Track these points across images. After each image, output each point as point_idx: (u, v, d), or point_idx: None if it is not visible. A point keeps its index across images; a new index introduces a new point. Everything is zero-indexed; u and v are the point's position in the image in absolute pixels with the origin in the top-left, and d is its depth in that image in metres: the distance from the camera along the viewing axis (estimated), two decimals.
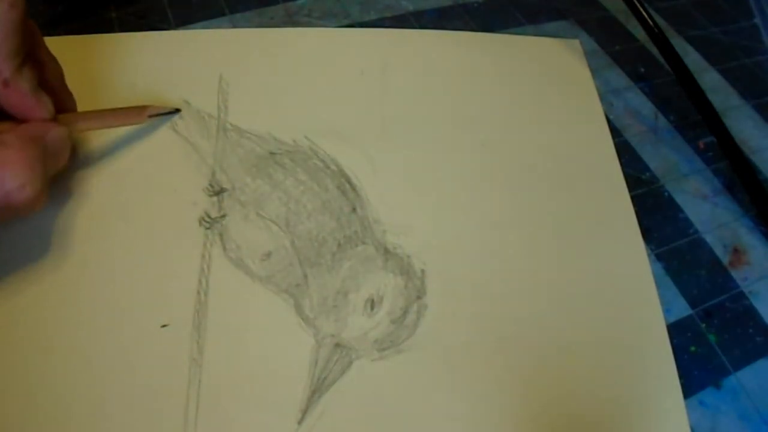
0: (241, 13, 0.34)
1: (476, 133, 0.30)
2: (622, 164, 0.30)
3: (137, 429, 0.20)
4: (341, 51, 0.32)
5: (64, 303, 0.23)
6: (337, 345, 0.23)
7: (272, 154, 0.27)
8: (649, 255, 0.27)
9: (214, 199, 0.26)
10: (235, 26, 0.33)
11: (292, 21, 0.34)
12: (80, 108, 0.26)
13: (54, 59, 0.25)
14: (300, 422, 0.21)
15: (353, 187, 0.27)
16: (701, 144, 0.32)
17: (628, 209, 0.28)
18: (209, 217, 0.25)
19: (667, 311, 0.25)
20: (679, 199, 0.30)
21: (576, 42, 0.35)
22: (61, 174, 0.25)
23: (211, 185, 0.26)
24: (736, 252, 0.28)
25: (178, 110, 0.28)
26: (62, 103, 0.24)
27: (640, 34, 0.36)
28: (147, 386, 0.21)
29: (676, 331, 0.25)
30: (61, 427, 0.20)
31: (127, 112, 0.27)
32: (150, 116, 0.27)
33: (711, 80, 0.35)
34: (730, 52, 0.37)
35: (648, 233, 0.28)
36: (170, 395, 0.21)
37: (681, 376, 0.23)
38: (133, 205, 0.25)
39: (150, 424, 0.21)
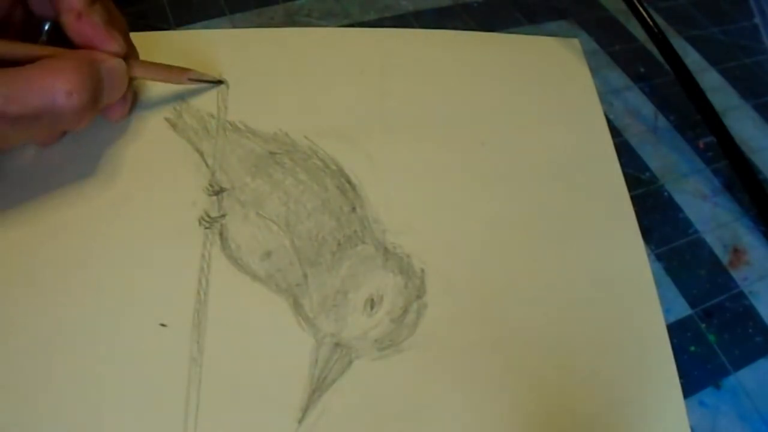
0: (241, 13, 0.34)
1: (476, 133, 0.30)
2: (622, 164, 0.30)
3: (137, 429, 0.20)
4: (341, 51, 0.32)
5: (64, 302, 0.23)
6: (337, 344, 0.23)
7: (272, 153, 0.27)
8: (649, 255, 0.27)
9: (214, 198, 0.26)
10: (235, 26, 0.33)
11: (292, 21, 0.34)
12: None
13: (118, 12, 0.25)
14: (300, 421, 0.21)
15: (353, 187, 0.27)
16: (701, 144, 0.32)
17: (628, 209, 0.28)
18: (209, 216, 0.25)
19: (667, 311, 0.25)
20: (679, 198, 0.30)
21: (576, 41, 0.35)
22: (60, 172, 0.25)
23: (210, 185, 0.26)
24: (736, 252, 0.28)
25: (221, 82, 0.29)
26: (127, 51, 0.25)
27: (640, 34, 0.36)
28: (147, 386, 0.21)
29: (676, 331, 0.25)
30: (61, 426, 0.20)
31: (171, 69, 0.28)
32: (190, 79, 0.28)
33: (711, 80, 0.35)
34: (730, 52, 0.37)
35: (648, 233, 0.28)
36: (170, 395, 0.21)
37: (681, 376, 0.23)
38: (133, 205, 0.25)
39: (150, 423, 0.21)
